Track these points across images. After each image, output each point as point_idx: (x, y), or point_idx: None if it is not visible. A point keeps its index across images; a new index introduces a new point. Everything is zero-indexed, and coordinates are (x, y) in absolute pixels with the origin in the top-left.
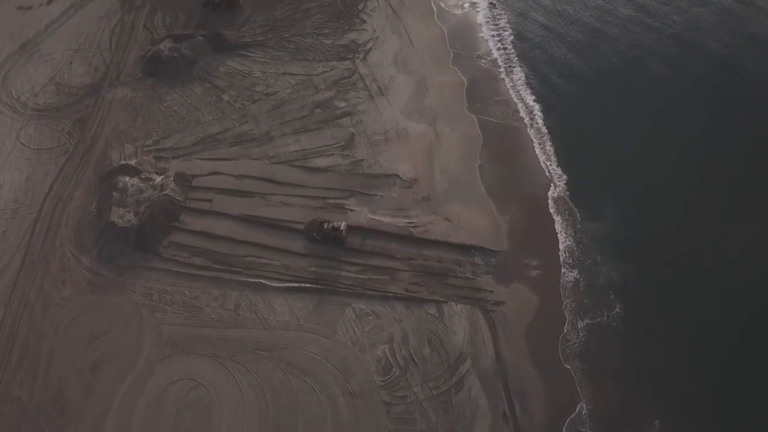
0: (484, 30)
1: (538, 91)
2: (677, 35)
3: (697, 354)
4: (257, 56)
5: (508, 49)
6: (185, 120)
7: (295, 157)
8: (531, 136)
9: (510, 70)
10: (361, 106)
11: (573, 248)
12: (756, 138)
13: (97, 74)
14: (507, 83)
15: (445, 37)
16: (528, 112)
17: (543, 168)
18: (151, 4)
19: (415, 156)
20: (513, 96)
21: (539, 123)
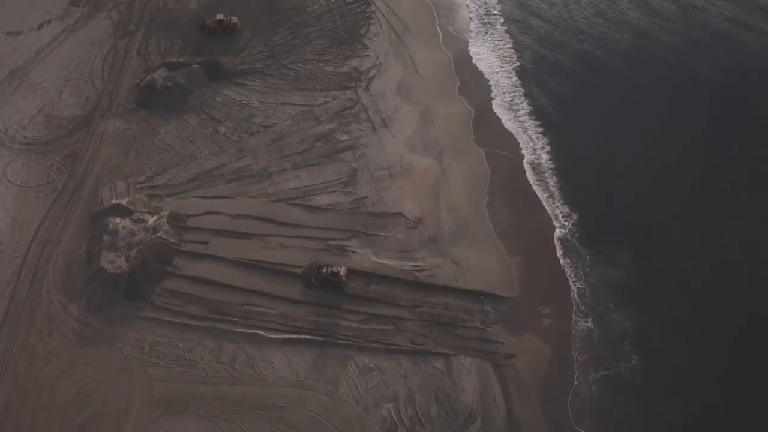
0: (491, 56)
1: (547, 123)
2: (686, 68)
3: (722, 411)
4: (255, 85)
5: (516, 77)
6: (180, 154)
7: (295, 195)
8: (540, 172)
9: (518, 99)
10: (363, 139)
11: (585, 294)
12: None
13: (89, 105)
14: (515, 114)
15: (452, 64)
16: (536, 146)
17: (552, 207)
18: (146, 28)
19: (421, 193)
20: (521, 128)
21: (547, 158)
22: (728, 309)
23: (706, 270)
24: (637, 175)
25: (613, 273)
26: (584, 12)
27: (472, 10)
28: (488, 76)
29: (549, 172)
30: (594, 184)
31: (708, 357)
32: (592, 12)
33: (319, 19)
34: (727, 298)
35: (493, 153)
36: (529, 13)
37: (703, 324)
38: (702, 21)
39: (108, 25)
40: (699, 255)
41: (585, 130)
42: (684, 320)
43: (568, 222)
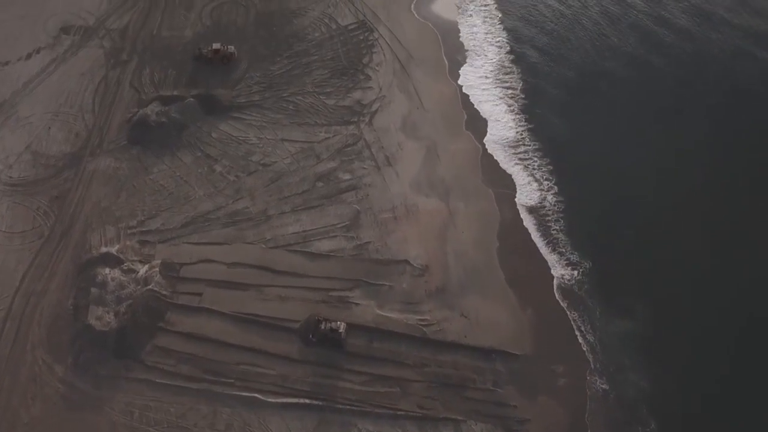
0: (498, 89)
1: (555, 161)
2: (695, 105)
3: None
4: (253, 119)
5: (525, 111)
6: (173, 196)
7: (294, 240)
8: (547, 215)
9: (525, 135)
10: (366, 178)
11: (598, 350)
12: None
13: (78, 141)
14: (521, 151)
15: (458, 96)
16: (542, 186)
17: (560, 253)
18: (139, 57)
19: (427, 237)
20: (528, 167)
21: (554, 200)
22: (754, 366)
23: (724, 319)
24: (647, 218)
25: (627, 325)
26: (595, 44)
27: (480, 37)
28: (494, 109)
29: (556, 215)
30: (604, 228)
31: (732, 420)
32: (602, 44)
33: (319, 47)
34: (752, 354)
35: (503, 193)
36: (535, 33)
37: (725, 383)
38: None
39: (99, 54)
40: (715, 303)
41: (592, 168)
42: (701, 377)
43: (578, 270)
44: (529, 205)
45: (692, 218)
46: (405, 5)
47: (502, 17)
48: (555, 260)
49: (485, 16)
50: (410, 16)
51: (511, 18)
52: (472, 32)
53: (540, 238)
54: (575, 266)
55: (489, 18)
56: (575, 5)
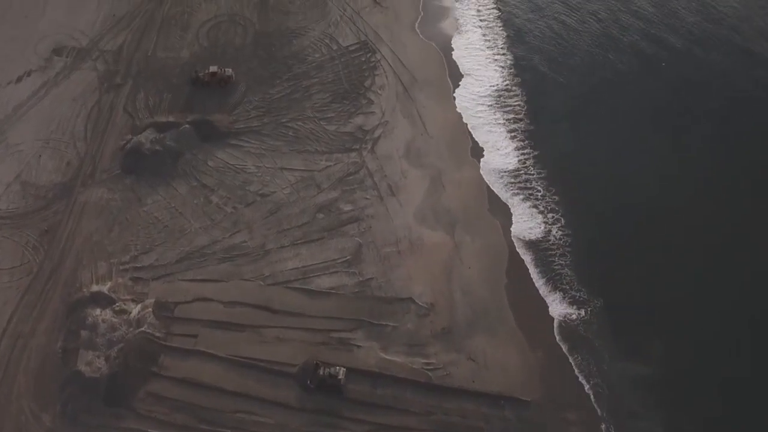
0: (500, 113)
1: (562, 190)
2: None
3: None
4: (251, 146)
5: (529, 136)
6: (168, 229)
7: (294, 277)
8: (555, 249)
9: (531, 162)
10: (369, 209)
11: (605, 395)
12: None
13: (69, 170)
14: (526, 181)
15: (464, 121)
16: (547, 219)
17: (569, 291)
18: (133, 81)
19: (432, 273)
20: (532, 197)
21: (561, 234)
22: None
23: (743, 361)
24: (658, 252)
25: (638, 368)
26: (599, 65)
27: (483, 59)
28: (495, 135)
29: (562, 249)
30: (612, 262)
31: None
32: (606, 65)
33: (320, 69)
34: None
35: (511, 224)
36: (540, 53)
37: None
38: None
39: (93, 77)
40: (734, 344)
41: (600, 197)
42: (718, 423)
43: (585, 308)
44: (530, 240)
45: (708, 256)
46: (408, 25)
47: (507, 37)
48: (558, 298)
49: (489, 36)
50: (413, 36)
51: (516, 37)
52: (475, 53)
53: (539, 275)
54: (582, 304)
55: (493, 38)
56: (576, 24)
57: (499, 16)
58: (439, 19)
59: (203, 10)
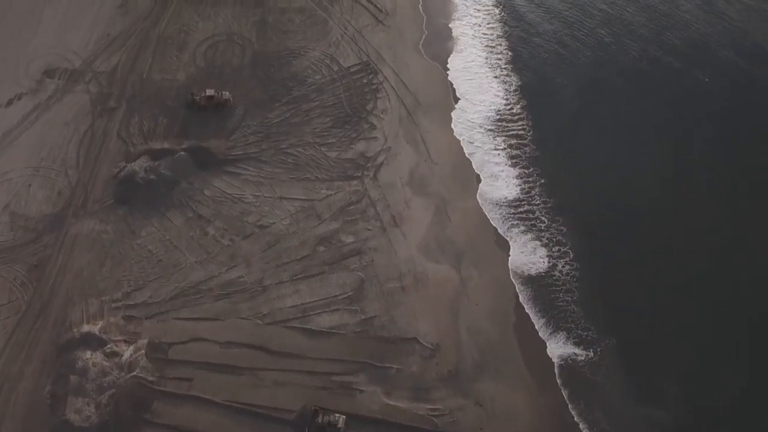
0: (503, 138)
1: (573, 224)
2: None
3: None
4: (249, 174)
5: (534, 163)
6: (162, 264)
7: (293, 315)
8: (567, 284)
9: (538, 191)
10: (371, 241)
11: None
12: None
13: (60, 200)
14: (534, 212)
15: (467, 146)
16: (561, 252)
17: (575, 330)
18: (127, 104)
19: (437, 311)
20: (535, 228)
21: (569, 268)
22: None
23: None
24: (673, 291)
25: (653, 414)
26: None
27: (487, 81)
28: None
29: (569, 285)
30: (625, 301)
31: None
32: (620, 95)
33: (320, 91)
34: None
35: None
36: (545, 74)
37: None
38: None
39: (85, 100)
40: (760, 390)
41: (612, 229)
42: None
43: (594, 349)
44: (532, 275)
45: (729, 291)
46: (411, 44)
47: (513, 57)
48: (563, 338)
49: (494, 57)
50: (417, 57)
51: (522, 57)
52: (480, 74)
53: (540, 314)
54: (589, 344)
55: (498, 58)
56: (580, 44)
57: (504, 36)
58: (444, 38)
59: (200, 29)
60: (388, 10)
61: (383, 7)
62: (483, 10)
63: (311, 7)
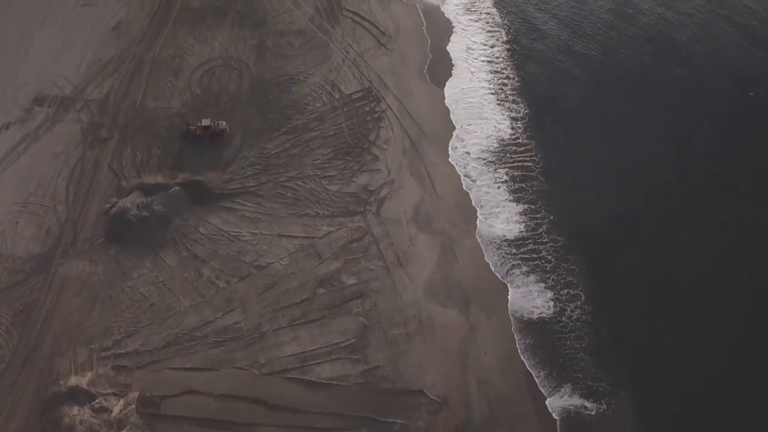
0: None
1: (584, 264)
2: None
3: None
4: (247, 210)
5: (542, 197)
6: (155, 308)
7: (291, 365)
8: (576, 330)
9: (545, 232)
10: (374, 282)
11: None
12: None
13: (49, 239)
14: (540, 251)
15: (473, 179)
16: (571, 294)
17: (583, 380)
18: (120, 134)
19: (445, 359)
20: (548, 269)
21: (579, 312)
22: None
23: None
24: (701, 338)
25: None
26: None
27: (499, 105)
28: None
29: (579, 331)
30: (644, 349)
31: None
32: (640, 123)
33: (321, 120)
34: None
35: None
36: (555, 99)
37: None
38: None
39: (76, 130)
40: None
41: (629, 270)
42: None
43: (605, 404)
44: (535, 320)
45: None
46: (415, 69)
47: (522, 82)
48: (568, 391)
49: (502, 82)
50: (421, 83)
51: (532, 83)
52: (487, 101)
53: (539, 365)
54: (600, 398)
55: (505, 83)
56: (596, 66)
57: (511, 59)
58: (449, 62)
59: (196, 54)
60: (390, 32)
61: (386, 30)
62: (489, 32)
63: (311, 29)
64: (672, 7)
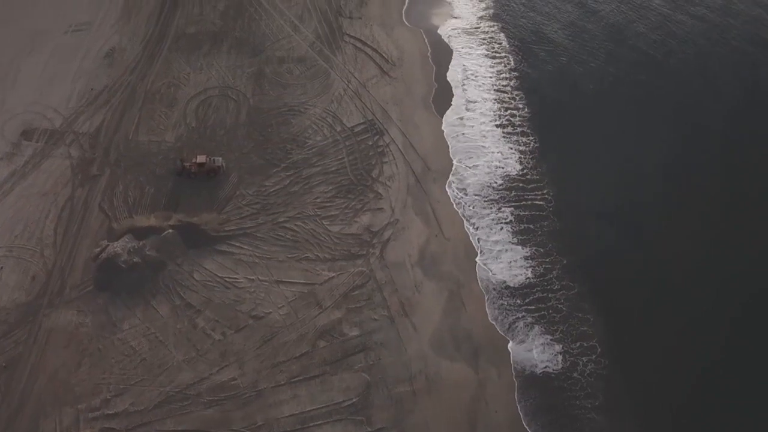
0: (524, 213)
1: (600, 313)
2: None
3: None
4: (244, 254)
5: (552, 242)
6: (146, 363)
7: (291, 426)
8: (588, 387)
9: (556, 277)
10: (378, 334)
11: None
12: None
13: (35, 286)
14: (549, 300)
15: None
16: (584, 347)
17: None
18: (111, 171)
19: (453, 419)
20: (565, 318)
21: (604, 364)
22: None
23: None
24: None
25: None
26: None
27: (508, 139)
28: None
29: (591, 389)
30: (668, 406)
31: None
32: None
33: (322, 155)
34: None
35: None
36: (564, 135)
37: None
38: None
39: (66, 166)
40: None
41: (642, 318)
42: None
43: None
44: (543, 374)
45: None
46: (420, 99)
47: (533, 114)
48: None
49: (511, 113)
50: (427, 114)
51: (542, 113)
52: (494, 134)
53: (545, 427)
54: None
55: (515, 114)
56: (608, 99)
57: (521, 87)
58: (456, 92)
59: (191, 83)
60: (394, 59)
61: (389, 57)
62: (496, 59)
63: (312, 56)
64: (690, 41)
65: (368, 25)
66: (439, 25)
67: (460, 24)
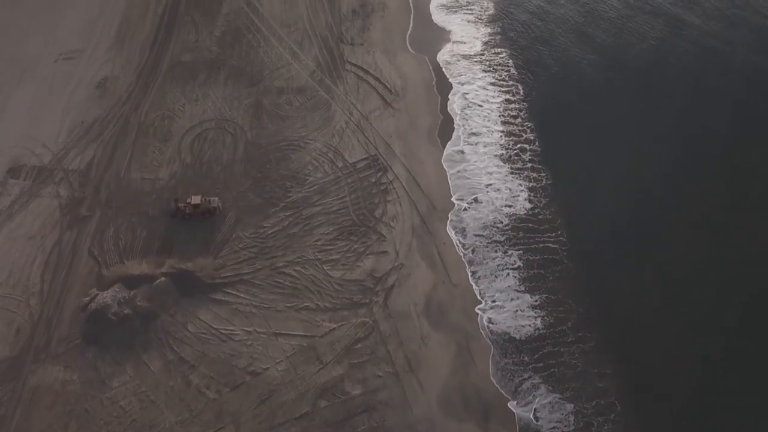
0: (538, 256)
1: (620, 364)
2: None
3: None
4: (240, 303)
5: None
6: (136, 425)
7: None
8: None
9: (569, 329)
10: (382, 392)
11: None
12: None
13: (20, 340)
14: (562, 354)
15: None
16: (608, 401)
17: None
18: (101, 211)
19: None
20: (580, 374)
21: (624, 421)
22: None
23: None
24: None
25: None
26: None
27: (517, 174)
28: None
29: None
30: None
31: None
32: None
33: (322, 193)
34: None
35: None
36: (573, 166)
37: None
38: None
39: (54, 207)
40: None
41: (667, 371)
42: None
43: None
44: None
45: None
46: (425, 133)
47: (543, 149)
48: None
49: (520, 147)
50: (432, 149)
51: (551, 146)
52: (502, 170)
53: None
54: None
55: (524, 148)
56: (617, 132)
57: (531, 118)
58: (462, 126)
59: (186, 115)
60: (398, 89)
61: (392, 86)
62: (504, 88)
63: (312, 86)
64: (716, 78)
65: (371, 52)
66: (444, 52)
67: (466, 50)
